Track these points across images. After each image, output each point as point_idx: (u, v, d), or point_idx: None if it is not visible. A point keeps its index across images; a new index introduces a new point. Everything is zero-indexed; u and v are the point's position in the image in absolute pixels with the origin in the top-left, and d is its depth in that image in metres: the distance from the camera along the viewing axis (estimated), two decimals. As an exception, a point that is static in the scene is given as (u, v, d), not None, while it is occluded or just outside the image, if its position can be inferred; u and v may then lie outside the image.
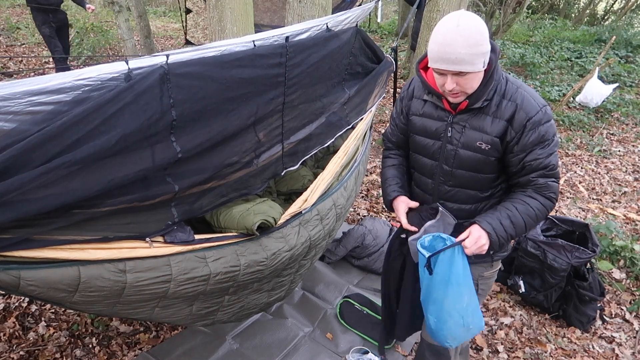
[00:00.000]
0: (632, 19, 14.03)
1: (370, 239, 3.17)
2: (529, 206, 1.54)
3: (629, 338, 2.82)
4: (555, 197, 1.56)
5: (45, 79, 1.26)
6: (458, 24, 1.36)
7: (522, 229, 1.56)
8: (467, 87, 1.46)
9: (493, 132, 1.52)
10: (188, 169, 1.64)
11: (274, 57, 1.84)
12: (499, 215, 1.56)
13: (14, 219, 1.20)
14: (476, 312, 1.62)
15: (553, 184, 1.54)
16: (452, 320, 1.59)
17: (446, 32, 1.38)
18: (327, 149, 2.86)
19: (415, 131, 1.72)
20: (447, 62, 1.40)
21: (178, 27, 10.53)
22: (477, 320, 1.63)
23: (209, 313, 1.90)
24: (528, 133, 1.48)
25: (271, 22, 5.97)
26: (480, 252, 1.55)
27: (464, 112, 1.57)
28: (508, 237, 1.56)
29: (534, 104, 1.49)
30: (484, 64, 1.43)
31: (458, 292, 1.56)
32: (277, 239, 1.92)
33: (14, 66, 6.62)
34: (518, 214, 1.55)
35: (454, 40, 1.36)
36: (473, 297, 1.61)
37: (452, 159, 1.62)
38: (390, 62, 3.04)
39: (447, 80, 1.44)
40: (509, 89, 1.52)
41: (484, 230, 1.55)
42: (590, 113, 6.58)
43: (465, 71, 1.40)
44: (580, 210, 4.31)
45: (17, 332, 2.47)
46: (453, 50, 1.36)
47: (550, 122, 1.49)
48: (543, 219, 1.63)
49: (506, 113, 1.50)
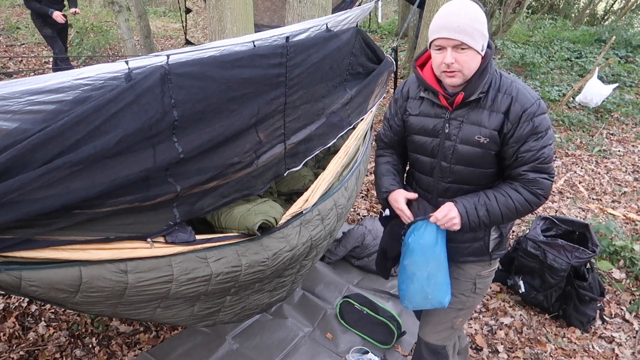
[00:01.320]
0: (632, 19, 14.03)
1: (370, 239, 3.17)
2: (510, 198, 1.55)
3: (629, 338, 2.83)
4: (543, 194, 1.55)
5: (44, 79, 1.26)
6: (462, 3, 1.46)
7: (499, 219, 1.58)
8: (464, 65, 1.48)
9: (491, 125, 1.53)
10: (190, 170, 1.64)
11: (274, 57, 1.84)
12: (476, 201, 1.59)
13: (16, 220, 1.20)
14: (440, 286, 1.69)
15: (543, 180, 1.53)
16: (412, 285, 1.72)
17: (450, 6, 1.47)
18: (328, 149, 2.86)
19: (414, 131, 1.72)
20: (449, 30, 1.44)
21: (178, 27, 10.53)
22: (438, 293, 1.69)
23: (210, 314, 1.90)
24: (523, 124, 1.49)
25: (271, 21, 5.97)
26: (450, 227, 1.59)
27: (460, 108, 1.58)
28: (481, 224, 1.59)
29: (529, 97, 1.51)
30: (482, 47, 1.49)
31: (423, 261, 1.66)
32: (278, 239, 1.92)
33: (14, 66, 6.62)
34: (496, 204, 1.56)
35: (457, 12, 1.44)
36: (440, 272, 1.67)
37: (450, 155, 1.63)
38: (390, 62, 3.04)
39: (447, 54, 1.47)
40: (504, 83, 1.55)
41: (457, 210, 1.59)
42: (590, 113, 6.58)
43: (466, 43, 1.44)
44: (580, 210, 4.31)
45: (17, 332, 2.47)
46: (456, 20, 1.43)
47: (544, 115, 1.51)
48: (527, 214, 1.62)
49: (502, 106, 1.52)
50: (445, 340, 1.89)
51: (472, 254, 1.76)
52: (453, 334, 1.92)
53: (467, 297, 1.82)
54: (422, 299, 1.73)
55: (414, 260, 1.68)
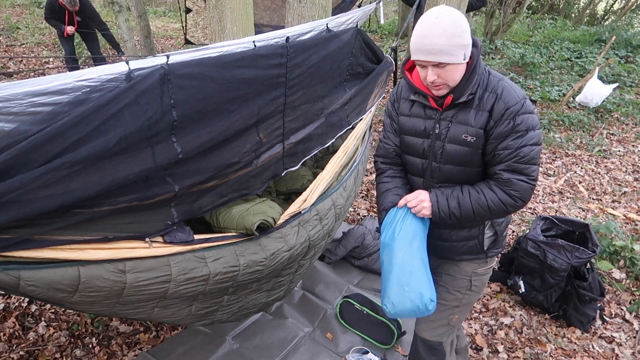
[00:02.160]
0: (632, 19, 14.03)
1: (370, 239, 3.17)
2: (483, 195, 1.56)
3: (629, 338, 2.82)
4: (518, 195, 1.52)
5: (46, 80, 1.26)
6: (436, 16, 1.41)
7: (470, 215, 1.59)
8: (448, 79, 1.48)
9: (477, 124, 1.54)
10: (188, 169, 1.64)
11: (274, 58, 1.84)
12: (449, 194, 1.61)
13: (15, 219, 1.20)
14: (417, 276, 1.58)
15: (519, 182, 1.50)
16: (388, 278, 1.63)
17: (425, 24, 1.42)
18: (327, 149, 2.86)
19: (405, 131, 1.73)
20: (426, 53, 1.43)
21: (178, 27, 10.53)
22: (415, 284, 1.57)
23: (208, 313, 1.90)
24: (504, 122, 1.49)
25: (271, 20, 5.96)
26: (420, 211, 1.63)
27: (450, 108, 1.59)
28: (451, 215, 1.60)
29: (514, 95, 1.50)
30: (464, 56, 1.46)
31: (398, 250, 1.63)
32: (277, 239, 1.92)
33: (14, 66, 6.63)
34: (468, 199, 1.58)
35: (431, 32, 1.40)
36: (416, 261, 1.61)
37: (439, 154, 1.64)
38: (390, 62, 3.05)
39: (428, 72, 1.47)
40: (491, 82, 1.55)
41: (429, 197, 1.63)
42: (590, 113, 6.57)
43: (444, 62, 1.43)
44: (580, 210, 4.31)
45: (17, 332, 2.47)
46: (430, 42, 1.40)
47: (527, 115, 1.49)
48: (504, 214, 1.62)
49: (488, 104, 1.52)
50: (441, 337, 1.89)
51: (468, 253, 1.77)
52: (450, 330, 1.92)
53: (462, 294, 1.82)
54: (399, 293, 1.58)
55: (388, 251, 1.65)
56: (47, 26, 8.82)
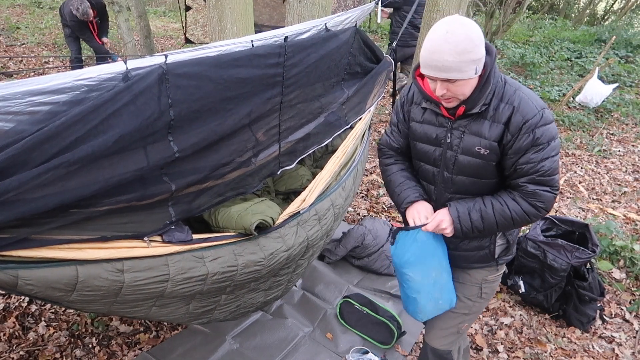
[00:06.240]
0: (632, 19, 14.03)
1: (370, 239, 3.17)
2: (507, 207, 1.52)
3: (629, 338, 2.82)
4: (542, 206, 1.49)
5: (45, 79, 1.26)
6: (447, 30, 1.33)
7: (493, 227, 1.55)
8: (458, 93, 1.43)
9: (491, 136, 1.49)
10: (185, 169, 1.64)
11: (272, 57, 1.84)
12: (471, 207, 1.56)
13: (12, 219, 1.20)
14: (446, 287, 1.70)
15: (544, 193, 1.47)
16: (421, 296, 1.69)
17: (434, 39, 1.36)
18: (326, 149, 2.86)
19: (417, 138, 1.69)
20: (435, 70, 1.37)
21: (178, 27, 10.53)
22: (446, 295, 1.71)
23: (205, 312, 1.90)
24: (523, 136, 1.44)
25: (270, 18, 5.95)
26: (442, 233, 1.60)
27: (463, 118, 1.54)
28: (474, 230, 1.56)
29: (532, 107, 1.44)
30: (475, 70, 1.39)
31: (426, 269, 1.65)
32: (275, 239, 1.92)
33: (14, 66, 6.63)
34: (491, 211, 1.53)
35: (441, 48, 1.33)
36: (444, 273, 1.68)
37: (452, 165, 1.59)
38: (389, 62, 3.04)
39: (437, 86, 1.43)
40: (507, 91, 1.48)
41: (449, 215, 1.58)
42: (590, 113, 6.57)
43: (454, 79, 1.38)
44: (580, 210, 4.31)
45: (17, 332, 2.47)
46: (440, 58, 1.34)
47: (547, 126, 1.44)
48: (525, 224, 1.59)
49: (503, 116, 1.47)
50: (451, 345, 1.88)
51: (479, 261, 1.74)
52: (459, 338, 1.91)
53: (473, 302, 1.80)
54: (434, 306, 1.72)
55: (417, 271, 1.66)
56: (47, 26, 8.85)
